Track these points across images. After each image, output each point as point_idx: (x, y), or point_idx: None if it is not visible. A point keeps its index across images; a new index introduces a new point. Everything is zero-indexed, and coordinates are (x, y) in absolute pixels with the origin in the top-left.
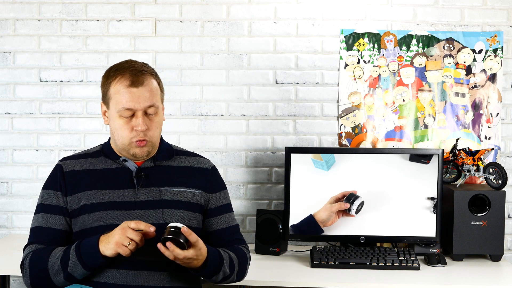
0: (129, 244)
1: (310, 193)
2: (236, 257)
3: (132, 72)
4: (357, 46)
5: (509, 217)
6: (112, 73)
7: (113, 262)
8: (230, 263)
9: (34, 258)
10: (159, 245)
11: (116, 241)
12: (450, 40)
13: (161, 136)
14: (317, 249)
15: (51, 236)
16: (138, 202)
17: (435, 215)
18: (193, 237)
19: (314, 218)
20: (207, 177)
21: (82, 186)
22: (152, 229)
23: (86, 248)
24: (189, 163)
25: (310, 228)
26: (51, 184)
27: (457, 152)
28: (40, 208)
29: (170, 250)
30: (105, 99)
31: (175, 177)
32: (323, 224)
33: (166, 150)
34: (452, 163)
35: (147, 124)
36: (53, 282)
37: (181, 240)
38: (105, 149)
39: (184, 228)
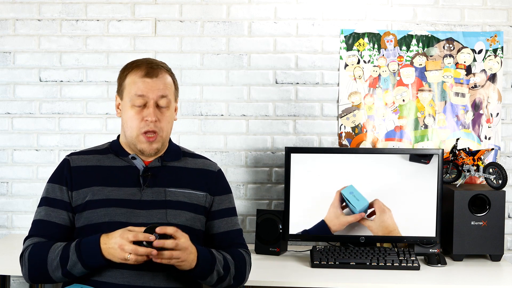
0: (129, 258)
1: (310, 193)
2: (232, 259)
3: (149, 65)
4: (357, 46)
5: (509, 217)
6: (129, 66)
7: (113, 262)
8: (224, 264)
9: (33, 251)
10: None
11: (118, 257)
12: (450, 40)
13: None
14: (317, 249)
15: (52, 230)
16: (143, 201)
17: (435, 215)
18: (169, 229)
19: (326, 224)
20: (212, 179)
21: (88, 182)
22: (152, 238)
23: (87, 249)
24: (195, 165)
25: (322, 233)
26: (56, 178)
27: (457, 152)
28: (44, 201)
29: (161, 244)
30: (120, 90)
31: (181, 178)
32: (333, 229)
33: (174, 151)
34: (452, 163)
35: (158, 116)
36: (51, 277)
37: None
38: (114, 146)
39: (158, 229)
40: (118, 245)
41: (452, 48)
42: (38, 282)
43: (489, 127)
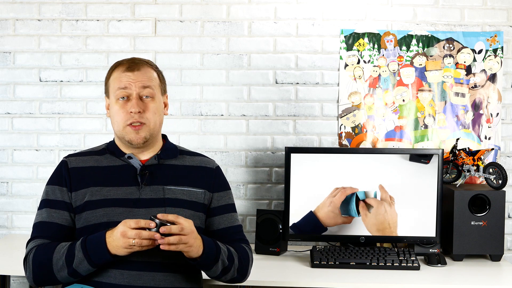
0: (134, 243)
1: (310, 193)
2: (236, 252)
3: (130, 60)
4: (357, 46)
5: (509, 217)
6: (113, 66)
7: (118, 259)
8: (228, 254)
9: (38, 252)
10: (160, 237)
11: (123, 246)
12: (450, 40)
13: (166, 136)
14: (317, 249)
15: (55, 231)
16: (142, 200)
17: (435, 215)
18: (170, 216)
19: (314, 215)
20: (211, 176)
21: (87, 182)
22: (152, 224)
23: (93, 245)
24: (193, 162)
25: (311, 226)
26: (55, 179)
27: (457, 152)
28: (44, 203)
29: (167, 230)
30: (106, 90)
31: (179, 176)
32: (324, 222)
33: (170, 149)
34: (452, 163)
35: (142, 107)
36: (56, 277)
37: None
38: (110, 147)
39: (159, 215)
40: (121, 233)
41: (452, 48)
42: (42, 284)
43: (489, 127)
